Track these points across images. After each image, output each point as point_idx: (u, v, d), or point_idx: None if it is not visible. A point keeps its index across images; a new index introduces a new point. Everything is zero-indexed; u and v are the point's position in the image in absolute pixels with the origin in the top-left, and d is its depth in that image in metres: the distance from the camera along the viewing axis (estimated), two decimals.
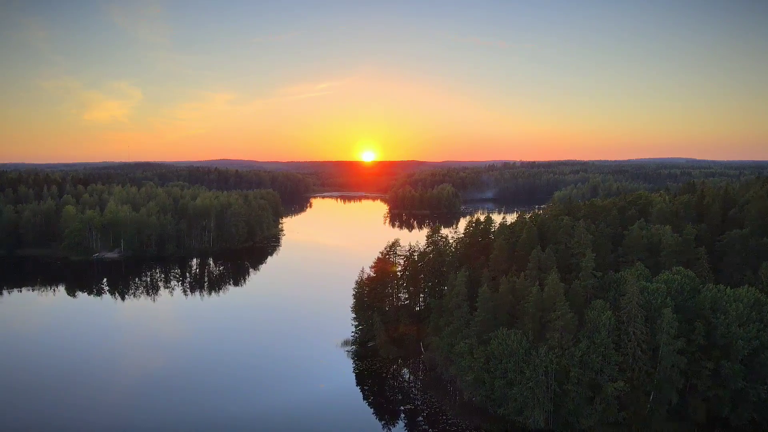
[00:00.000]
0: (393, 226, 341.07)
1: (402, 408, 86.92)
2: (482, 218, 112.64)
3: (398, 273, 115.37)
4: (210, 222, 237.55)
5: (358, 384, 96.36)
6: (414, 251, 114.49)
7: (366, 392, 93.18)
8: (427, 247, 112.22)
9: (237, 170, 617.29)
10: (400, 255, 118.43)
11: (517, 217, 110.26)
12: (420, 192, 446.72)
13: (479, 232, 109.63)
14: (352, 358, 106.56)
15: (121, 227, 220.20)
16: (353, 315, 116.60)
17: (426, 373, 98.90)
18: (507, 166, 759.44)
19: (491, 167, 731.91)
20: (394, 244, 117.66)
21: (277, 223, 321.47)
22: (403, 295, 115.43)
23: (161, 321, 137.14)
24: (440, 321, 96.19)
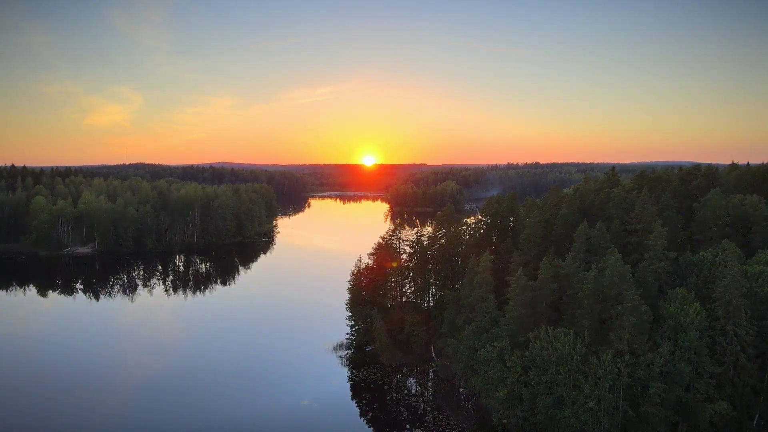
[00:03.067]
0: (394, 224, 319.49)
1: (408, 429, 66.36)
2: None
3: (403, 262, 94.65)
4: (194, 214, 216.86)
5: (353, 397, 75.92)
6: (422, 235, 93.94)
7: (363, 408, 72.74)
8: (438, 230, 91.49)
9: (232, 168, 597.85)
10: (405, 241, 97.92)
11: (550, 191, 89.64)
12: (422, 189, 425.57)
13: (502, 212, 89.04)
14: (347, 366, 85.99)
15: (95, 219, 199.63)
16: (348, 313, 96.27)
17: (438, 385, 78.15)
18: (510, 167, 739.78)
19: (494, 168, 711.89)
20: (397, 228, 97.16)
21: (270, 219, 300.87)
22: (408, 289, 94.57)
23: (127, 323, 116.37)
24: (457, 319, 75.47)
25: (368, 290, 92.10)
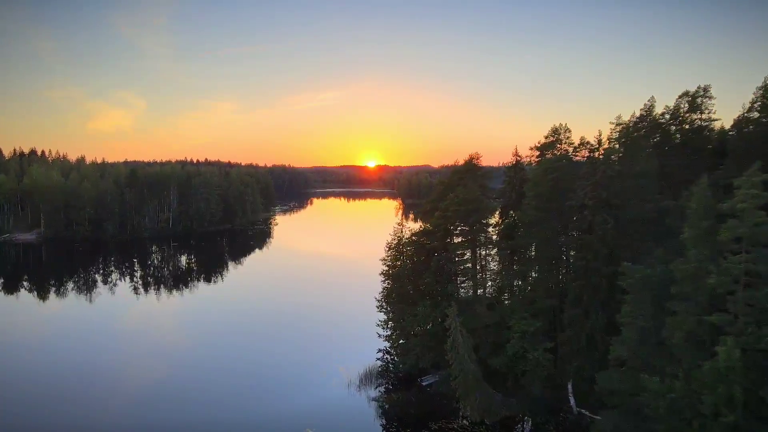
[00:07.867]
0: (407, 218, 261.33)
1: None
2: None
3: (487, 224, 51.54)
4: (170, 194, 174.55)
5: None
6: (522, 161, 51.29)
7: None
8: (558, 155, 48.32)
9: (230, 161, 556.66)
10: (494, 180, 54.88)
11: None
12: (438, 179, 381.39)
13: (688, 123, 45.95)
14: (387, 420, 43.28)
15: (42, 199, 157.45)
16: (381, 315, 54.20)
17: None
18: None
19: (504, 167, 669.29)
20: (472, 159, 54.91)
21: (267, 208, 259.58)
22: (504, 269, 50.63)
23: (62, 332, 73.95)
24: (674, 330, 32.21)
25: (420, 272, 49.14)
